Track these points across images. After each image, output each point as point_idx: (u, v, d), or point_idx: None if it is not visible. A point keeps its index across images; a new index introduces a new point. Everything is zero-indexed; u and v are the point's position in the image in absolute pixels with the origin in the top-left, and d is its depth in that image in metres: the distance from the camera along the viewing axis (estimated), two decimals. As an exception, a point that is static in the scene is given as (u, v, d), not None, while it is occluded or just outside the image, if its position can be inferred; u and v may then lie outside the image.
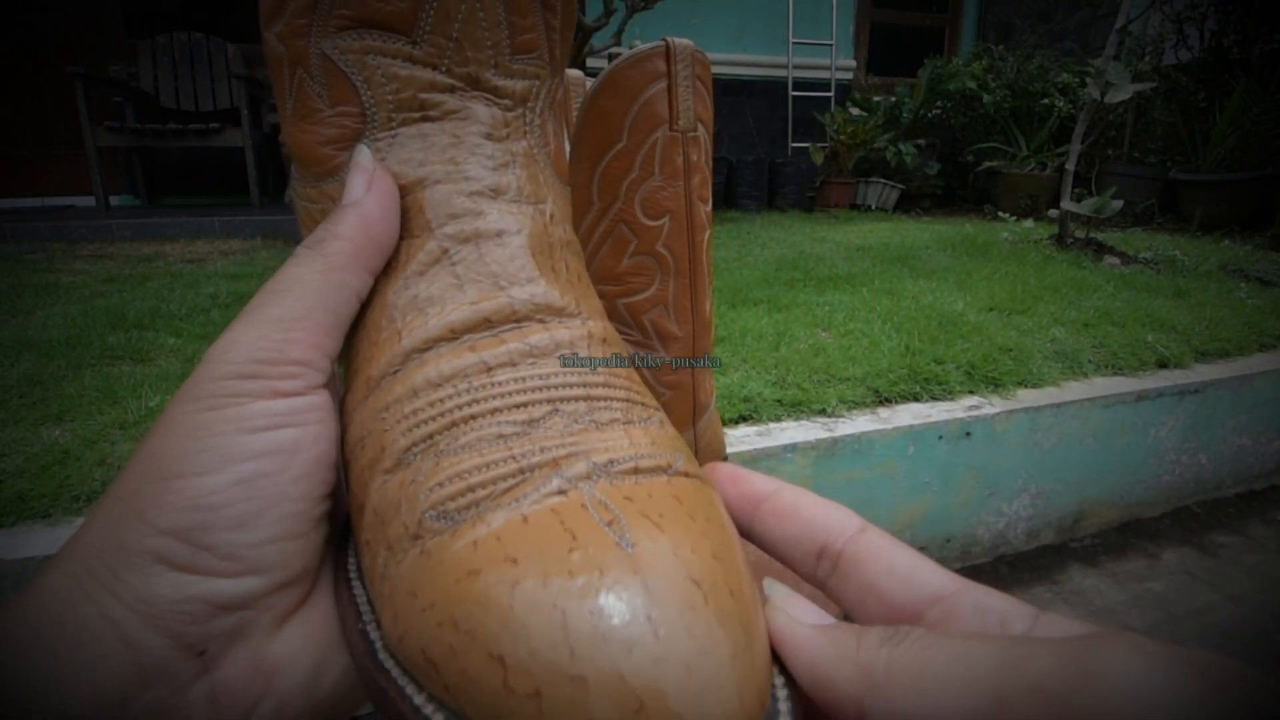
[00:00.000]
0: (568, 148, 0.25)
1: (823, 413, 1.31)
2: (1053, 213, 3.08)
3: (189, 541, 0.17)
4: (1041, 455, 1.44)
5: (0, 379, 1.32)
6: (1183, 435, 1.60)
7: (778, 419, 1.29)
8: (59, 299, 1.97)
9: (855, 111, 4.63)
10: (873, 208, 4.47)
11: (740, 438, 1.21)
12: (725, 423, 1.27)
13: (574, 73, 0.56)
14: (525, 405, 0.20)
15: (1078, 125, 2.69)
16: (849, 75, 5.32)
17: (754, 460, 1.18)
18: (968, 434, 1.35)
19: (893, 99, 4.65)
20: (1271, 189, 3.55)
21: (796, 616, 0.18)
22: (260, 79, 4.09)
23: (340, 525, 0.23)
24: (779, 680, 0.17)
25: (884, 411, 1.34)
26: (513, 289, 0.22)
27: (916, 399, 1.40)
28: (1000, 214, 4.11)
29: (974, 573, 1.44)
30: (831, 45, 4.98)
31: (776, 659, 0.17)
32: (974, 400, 1.41)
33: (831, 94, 4.95)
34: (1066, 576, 1.43)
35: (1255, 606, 1.33)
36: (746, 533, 0.22)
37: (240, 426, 0.19)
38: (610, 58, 3.69)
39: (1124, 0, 2.48)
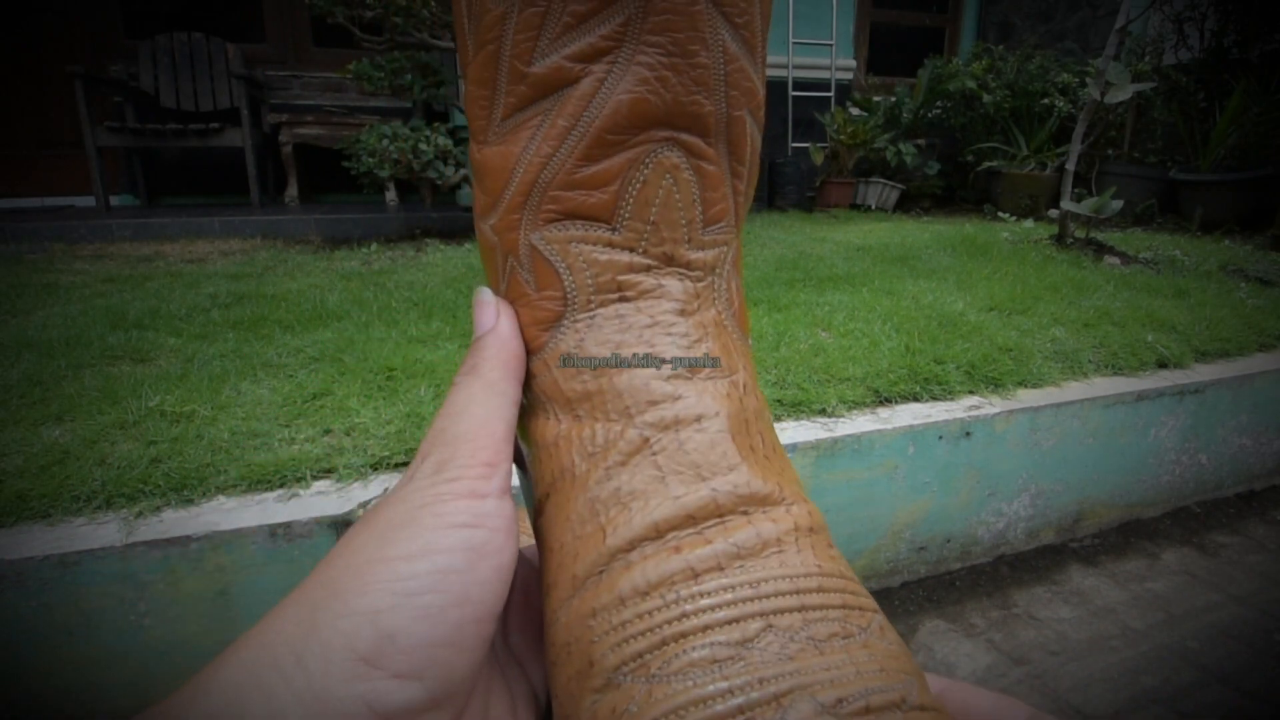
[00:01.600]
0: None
1: (823, 413, 1.31)
2: (1053, 213, 3.08)
3: (378, 626, 0.18)
4: (1041, 455, 1.44)
5: (0, 379, 1.32)
6: (1183, 435, 1.60)
7: (778, 419, 1.29)
8: (59, 299, 1.97)
9: (855, 111, 4.63)
10: (873, 208, 4.47)
11: (740, 438, 1.21)
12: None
13: None
14: (737, 620, 0.19)
15: (1078, 125, 2.69)
16: (849, 75, 5.32)
17: (754, 460, 1.18)
18: (968, 434, 1.35)
19: (893, 99, 4.65)
20: (1271, 189, 3.55)
21: None
22: (260, 79, 4.10)
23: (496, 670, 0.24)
24: None
25: (884, 411, 1.34)
26: (715, 480, 0.21)
27: (916, 399, 1.40)
28: (1000, 214, 4.11)
29: (974, 573, 1.44)
30: (831, 45, 4.98)
31: None
32: (974, 400, 1.41)
33: (831, 94, 4.95)
34: (1066, 576, 1.43)
35: (1255, 606, 1.33)
36: None
37: (441, 521, 0.20)
38: (610, 58, 3.67)
39: (1124, 0, 2.48)
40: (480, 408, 0.23)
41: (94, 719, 0.91)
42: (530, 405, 0.25)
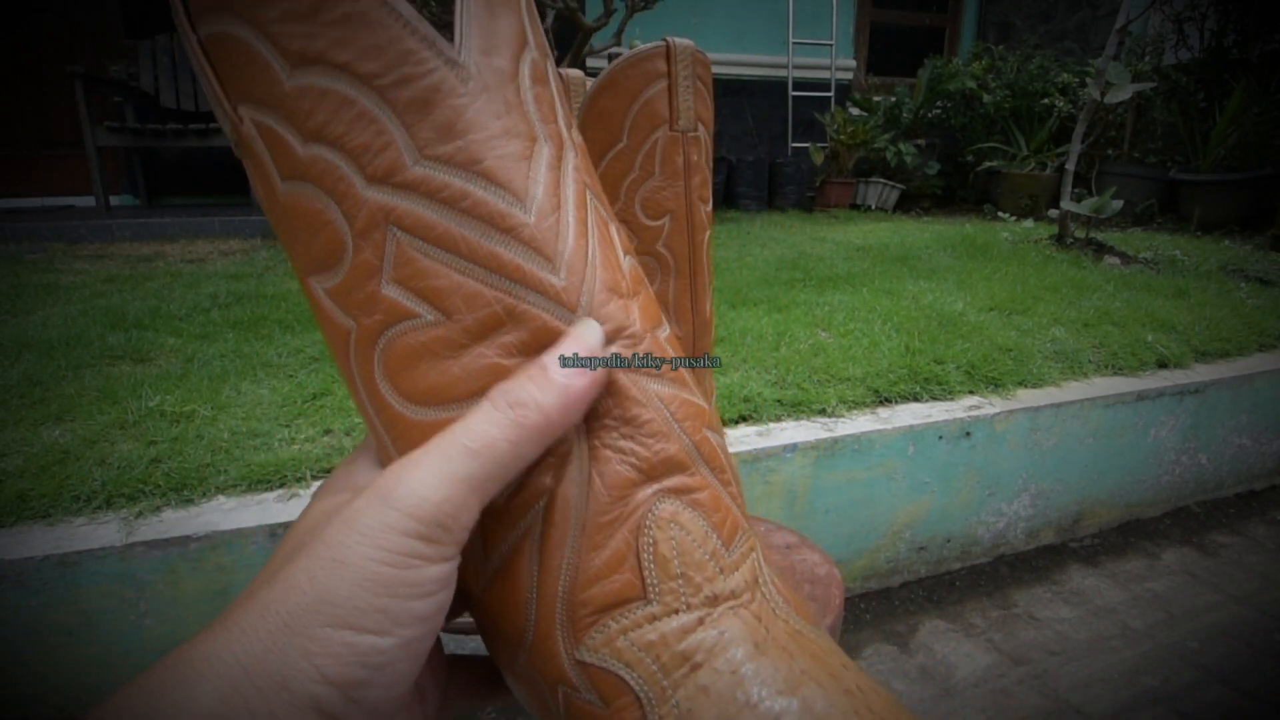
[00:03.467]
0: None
1: (823, 413, 1.31)
2: (1053, 213, 3.08)
3: (347, 695, 0.18)
4: (1041, 455, 1.44)
5: (0, 379, 1.32)
6: (1183, 435, 1.60)
7: (778, 419, 1.29)
8: (59, 299, 1.97)
9: (855, 111, 4.63)
10: (873, 208, 4.47)
11: (740, 438, 1.21)
12: (725, 423, 1.27)
13: (574, 72, 0.56)
14: None
15: (1078, 125, 2.69)
16: (849, 75, 5.32)
17: (754, 460, 1.18)
18: (968, 434, 1.35)
19: (893, 99, 4.66)
20: (1271, 189, 3.55)
21: None
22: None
23: None
24: None
25: (884, 411, 1.34)
26: None
27: (916, 399, 1.40)
28: (1000, 214, 4.11)
29: (974, 573, 1.44)
30: (831, 45, 4.98)
31: None
32: (974, 400, 1.41)
33: (831, 94, 4.95)
34: (1066, 576, 1.43)
35: (1255, 606, 1.33)
36: None
37: (415, 591, 0.19)
38: (610, 58, 3.69)
39: (1124, 0, 2.48)
40: (496, 460, 0.20)
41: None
42: None
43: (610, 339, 0.23)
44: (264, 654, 0.18)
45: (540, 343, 0.22)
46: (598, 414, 0.23)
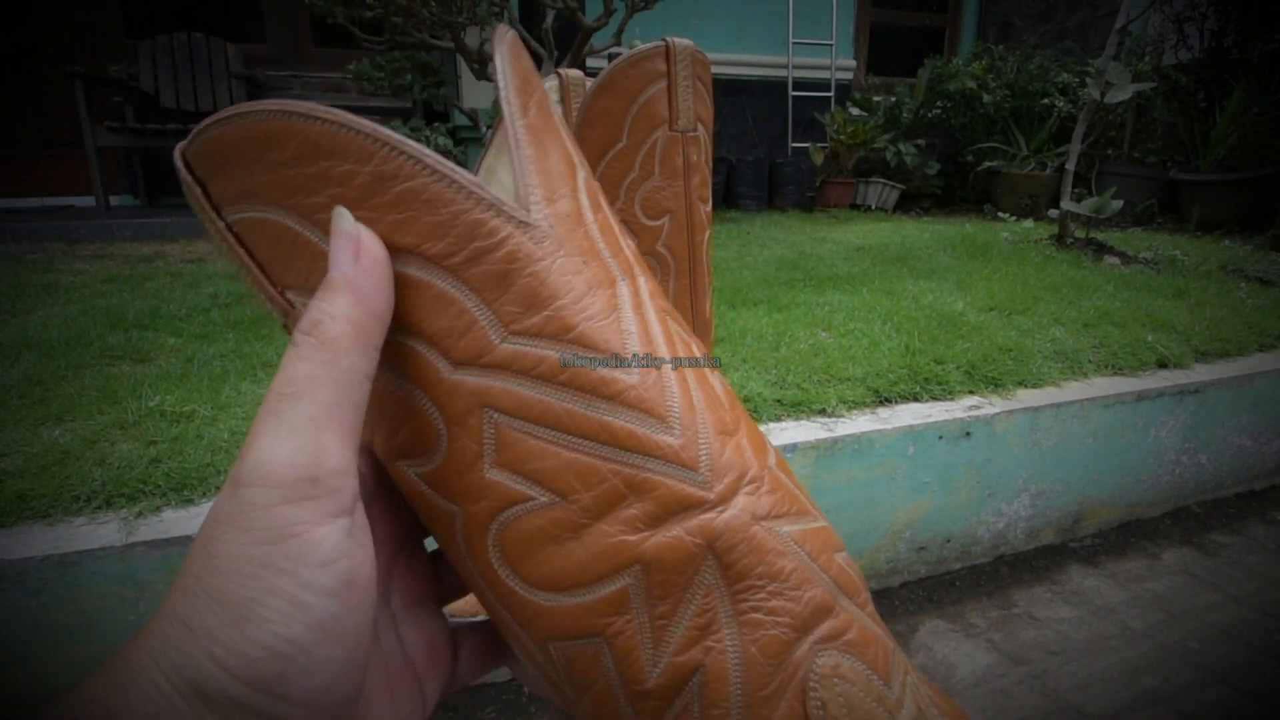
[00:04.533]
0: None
1: (823, 413, 1.31)
2: (1053, 213, 3.08)
3: (269, 691, 0.18)
4: (1041, 455, 1.44)
5: (0, 379, 1.32)
6: (1183, 435, 1.60)
7: (778, 419, 1.29)
8: (59, 299, 1.97)
9: (855, 111, 4.63)
10: (873, 208, 4.47)
11: (740, 438, 1.21)
12: (725, 423, 1.27)
13: (574, 73, 0.56)
14: None
15: (1078, 125, 2.69)
16: (849, 75, 5.32)
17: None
18: (968, 434, 1.35)
19: (893, 99, 4.66)
20: (1271, 189, 3.55)
21: None
22: (260, 79, 4.10)
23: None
24: None
25: (884, 411, 1.34)
26: None
27: (916, 399, 1.40)
28: (1000, 214, 4.11)
29: (974, 573, 1.44)
30: (831, 45, 4.98)
31: None
32: (974, 400, 1.41)
33: (831, 94, 4.95)
34: (1066, 576, 1.43)
35: (1255, 606, 1.33)
36: None
37: (305, 562, 0.18)
38: (610, 58, 3.69)
39: (1124, 0, 2.48)
40: (324, 389, 0.19)
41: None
42: None
43: (734, 490, 0.22)
44: (180, 661, 0.17)
45: (668, 511, 0.21)
46: (740, 575, 0.21)
